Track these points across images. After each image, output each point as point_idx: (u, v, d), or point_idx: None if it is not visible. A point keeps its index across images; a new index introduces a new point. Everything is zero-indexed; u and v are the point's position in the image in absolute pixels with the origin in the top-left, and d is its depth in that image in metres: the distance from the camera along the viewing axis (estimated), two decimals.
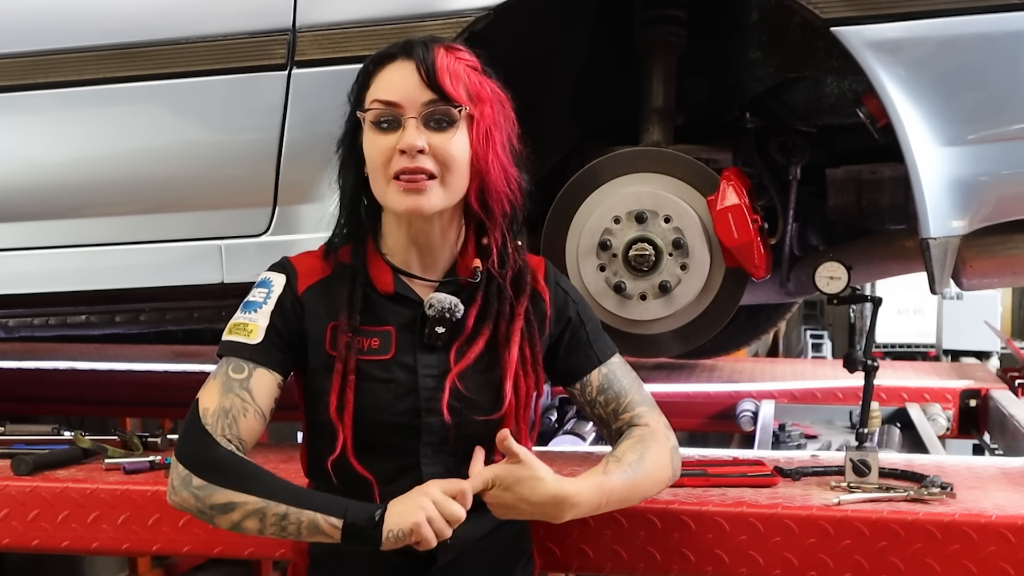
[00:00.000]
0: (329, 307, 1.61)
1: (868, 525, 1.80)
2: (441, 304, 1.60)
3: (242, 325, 1.62)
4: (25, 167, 2.40)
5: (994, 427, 3.12)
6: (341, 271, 1.64)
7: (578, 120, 2.60)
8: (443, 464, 1.61)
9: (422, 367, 1.61)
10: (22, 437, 2.37)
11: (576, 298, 1.75)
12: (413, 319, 1.62)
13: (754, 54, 2.45)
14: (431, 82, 1.55)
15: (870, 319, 2.03)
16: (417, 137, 1.54)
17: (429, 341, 1.61)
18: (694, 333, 2.33)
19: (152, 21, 2.27)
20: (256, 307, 1.63)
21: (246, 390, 1.57)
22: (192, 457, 1.54)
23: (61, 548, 2.04)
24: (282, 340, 1.61)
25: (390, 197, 1.57)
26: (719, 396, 3.36)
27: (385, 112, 1.57)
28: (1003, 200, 2.10)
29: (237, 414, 1.56)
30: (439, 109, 1.56)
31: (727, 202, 2.21)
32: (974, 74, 2.02)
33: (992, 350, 5.50)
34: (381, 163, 1.57)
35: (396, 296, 1.63)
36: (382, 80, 1.58)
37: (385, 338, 1.61)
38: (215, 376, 1.60)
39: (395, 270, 1.63)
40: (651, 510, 1.86)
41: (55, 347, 4.02)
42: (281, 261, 1.68)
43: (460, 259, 1.66)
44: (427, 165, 1.55)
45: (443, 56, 1.57)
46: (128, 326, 2.50)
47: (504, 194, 1.63)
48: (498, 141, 1.61)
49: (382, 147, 1.56)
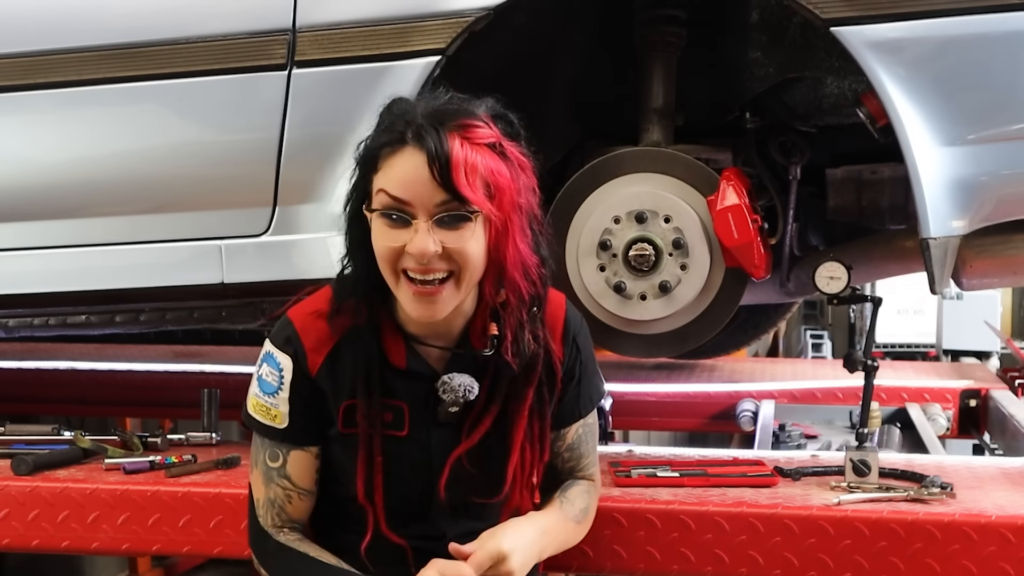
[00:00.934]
0: (342, 386, 1.58)
1: (868, 525, 1.80)
2: (455, 392, 1.57)
3: (265, 409, 1.61)
4: (26, 167, 2.40)
5: (994, 427, 3.12)
6: (352, 338, 1.57)
7: (578, 120, 2.60)
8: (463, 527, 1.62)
9: (435, 443, 1.61)
10: (22, 437, 2.37)
11: (585, 356, 1.71)
12: (426, 395, 1.59)
13: (754, 54, 2.45)
14: (446, 184, 1.43)
15: (870, 319, 2.02)
16: (429, 242, 1.44)
17: (443, 420, 1.60)
18: (694, 333, 2.33)
19: (152, 21, 2.27)
20: (273, 392, 1.60)
21: (285, 478, 1.63)
22: (255, 546, 1.68)
23: (61, 548, 2.04)
24: (307, 419, 1.61)
25: (401, 295, 1.51)
26: (719, 396, 3.36)
27: (394, 207, 1.46)
28: (1003, 200, 2.10)
29: (283, 503, 1.64)
30: (452, 212, 1.45)
31: (727, 202, 2.21)
32: (974, 74, 2.02)
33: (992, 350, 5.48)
34: (389, 258, 1.48)
35: (408, 371, 1.59)
36: (391, 170, 1.46)
37: (398, 414, 1.60)
38: (256, 460, 1.65)
39: (407, 339, 1.59)
40: (651, 510, 1.86)
41: (55, 347, 4.01)
42: (285, 332, 1.60)
43: (474, 322, 1.59)
44: (440, 266, 1.47)
45: (458, 148, 1.44)
46: (128, 326, 2.49)
47: (522, 286, 1.55)
48: (517, 227, 1.51)
49: (390, 243, 1.47)
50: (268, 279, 2.29)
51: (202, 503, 1.98)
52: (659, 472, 2.03)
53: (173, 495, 2.00)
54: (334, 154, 2.21)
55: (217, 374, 3.50)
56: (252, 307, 2.36)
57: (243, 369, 3.48)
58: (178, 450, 2.27)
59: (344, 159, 2.20)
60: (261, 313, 2.35)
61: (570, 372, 1.68)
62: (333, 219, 2.23)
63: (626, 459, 2.17)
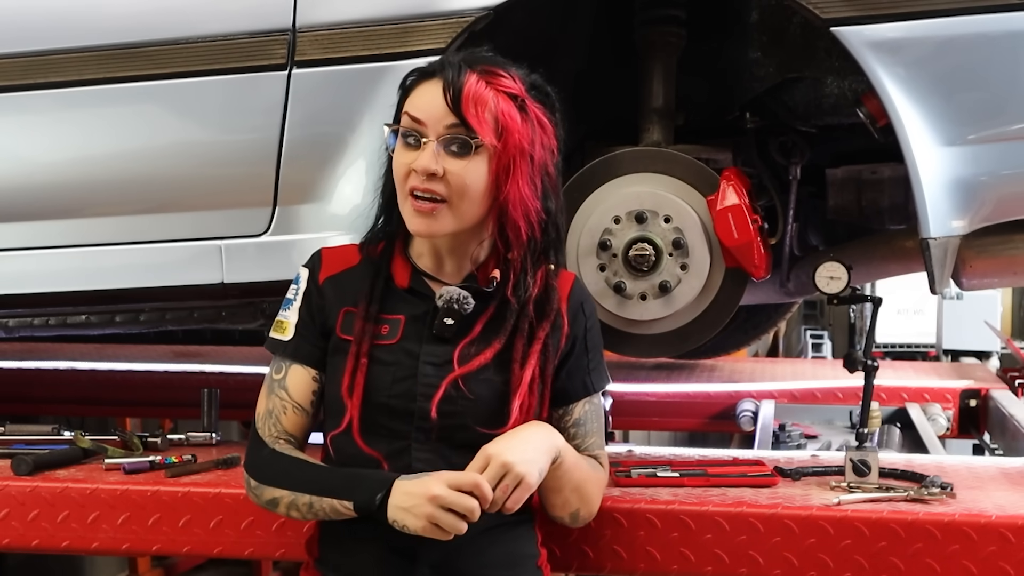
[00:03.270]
0: (346, 294, 1.68)
1: (868, 525, 1.80)
2: (450, 294, 1.63)
3: (279, 322, 1.72)
4: (25, 167, 2.40)
5: (994, 427, 3.12)
6: (367, 264, 1.71)
7: (578, 120, 2.60)
8: (433, 450, 1.63)
9: (425, 355, 1.64)
10: (22, 437, 2.37)
11: (591, 324, 1.75)
12: (425, 312, 1.67)
13: (754, 54, 2.45)
14: (454, 107, 1.57)
15: (870, 319, 2.02)
16: (432, 161, 1.57)
17: (437, 331, 1.64)
18: (694, 333, 2.33)
19: (152, 21, 2.27)
20: (289, 304, 1.72)
21: (283, 388, 1.70)
22: (248, 460, 1.70)
23: (61, 548, 2.04)
24: (311, 332, 1.70)
25: (405, 212, 1.63)
26: (719, 396, 3.36)
27: (410, 128, 1.60)
28: (1003, 200, 2.10)
29: (279, 413, 1.69)
30: (458, 136, 1.57)
31: (727, 202, 2.21)
32: (974, 74, 2.02)
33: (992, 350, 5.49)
34: (400, 177, 1.62)
35: (410, 290, 1.68)
36: (416, 95, 1.61)
37: (394, 325, 1.66)
38: (266, 378, 1.73)
39: (415, 269, 1.69)
40: (651, 510, 1.86)
41: (55, 347, 4.01)
42: (315, 253, 1.75)
43: (481, 268, 1.68)
44: (439, 189, 1.58)
45: (473, 82, 1.58)
46: (128, 326, 2.49)
47: (522, 227, 1.63)
48: (523, 172, 1.61)
49: (402, 162, 1.61)
50: (268, 279, 2.29)
51: (202, 503, 1.99)
52: (659, 472, 2.03)
53: (173, 495, 2.00)
54: (334, 154, 2.21)
55: (217, 374, 3.50)
56: (252, 307, 2.36)
57: (243, 369, 3.48)
58: (178, 450, 2.28)
59: (344, 159, 2.20)
60: (261, 313, 2.35)
61: (576, 335, 1.71)
62: (333, 219, 2.23)
63: (626, 459, 2.17)
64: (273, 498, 1.63)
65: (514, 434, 1.60)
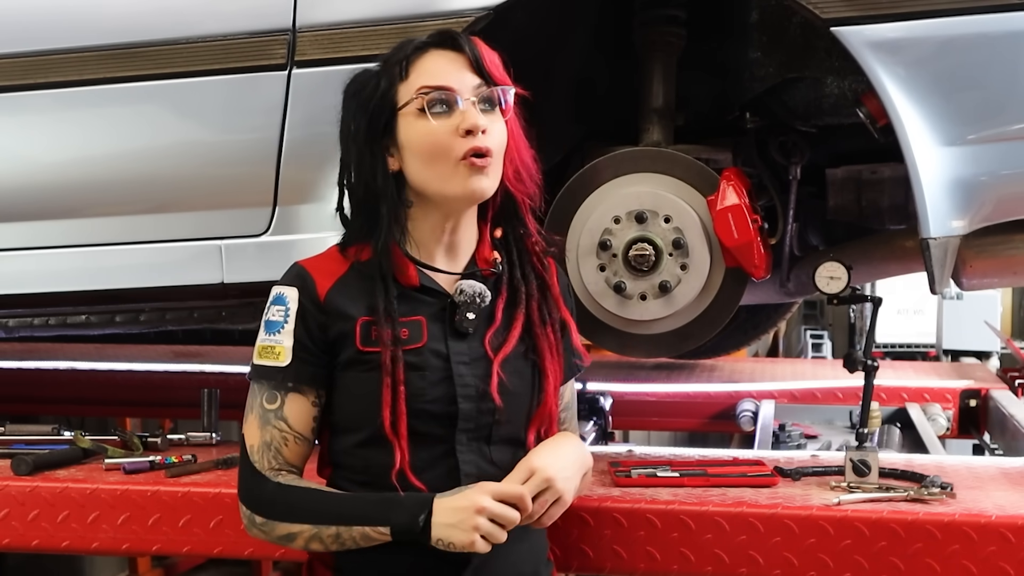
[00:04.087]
0: (355, 304, 1.60)
1: (868, 525, 1.80)
2: (472, 289, 1.61)
3: (269, 348, 1.61)
4: (25, 167, 2.40)
5: (994, 427, 3.12)
6: (361, 267, 1.62)
7: (578, 120, 2.60)
8: (479, 452, 1.61)
9: (454, 354, 1.60)
10: (22, 437, 2.37)
11: (572, 304, 1.77)
12: (441, 309, 1.62)
13: (754, 54, 2.45)
14: (478, 67, 1.58)
15: (870, 319, 2.03)
16: (480, 117, 1.56)
17: (461, 328, 1.61)
18: (694, 333, 2.33)
19: (152, 21, 2.27)
20: (278, 327, 1.61)
21: (282, 419, 1.60)
22: (249, 497, 1.60)
23: (61, 548, 2.04)
24: (311, 354, 1.60)
25: (457, 181, 1.57)
26: (719, 396, 3.36)
27: (439, 96, 1.57)
28: (1003, 200, 2.10)
29: (279, 445, 1.60)
30: (491, 92, 1.59)
31: (727, 202, 2.21)
32: (974, 74, 2.02)
33: (992, 350, 5.49)
34: (444, 147, 1.56)
35: (422, 288, 1.62)
36: (425, 68, 1.59)
37: (415, 327, 1.60)
38: (251, 407, 1.62)
39: (417, 264, 1.62)
40: (651, 510, 1.86)
41: (55, 347, 4.02)
42: (292, 270, 1.65)
43: (477, 253, 1.67)
44: (489, 144, 1.57)
45: (480, 44, 1.61)
46: (128, 326, 2.49)
47: (533, 177, 1.66)
48: (523, 130, 1.65)
49: (444, 131, 1.56)
50: (268, 279, 2.25)
51: (202, 503, 1.99)
52: (659, 472, 2.03)
53: (173, 495, 2.00)
54: (334, 154, 2.20)
55: (217, 374, 3.50)
56: (252, 307, 2.35)
57: (243, 369, 3.47)
58: (178, 450, 2.28)
59: None
60: (261, 313, 2.35)
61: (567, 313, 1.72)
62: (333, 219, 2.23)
63: (626, 459, 2.17)
64: (289, 533, 1.56)
65: (555, 448, 1.61)
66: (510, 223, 1.68)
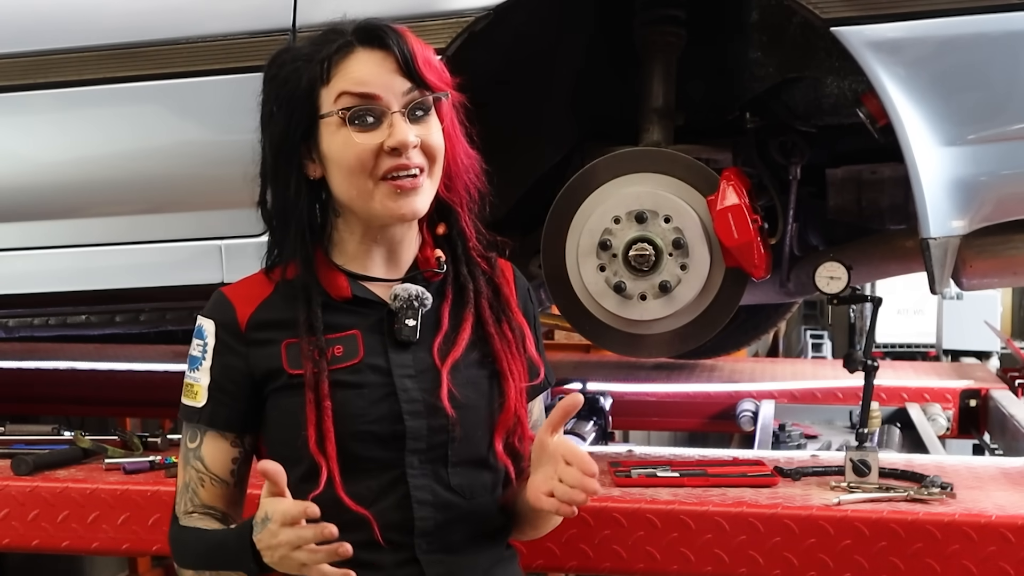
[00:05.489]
0: (280, 326, 1.48)
1: (868, 525, 1.80)
2: (408, 292, 1.48)
3: (188, 386, 1.53)
4: (25, 167, 2.40)
5: (994, 427, 3.12)
6: (286, 288, 1.49)
7: (578, 120, 2.60)
8: (434, 476, 1.47)
9: (396, 367, 1.47)
10: (22, 437, 2.37)
11: (535, 312, 1.64)
12: (379, 320, 1.49)
13: (754, 54, 2.45)
14: (409, 71, 1.42)
15: (870, 319, 2.03)
16: (409, 132, 1.41)
17: (400, 337, 1.47)
18: (694, 333, 2.33)
19: (152, 21, 2.27)
20: (198, 363, 1.52)
21: (199, 459, 1.52)
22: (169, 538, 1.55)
23: (61, 548, 2.04)
24: (227, 394, 1.50)
25: (378, 202, 1.44)
26: (719, 396, 3.36)
27: (362, 106, 1.42)
28: (1003, 200, 2.10)
29: (195, 486, 1.53)
30: (422, 99, 1.44)
31: (727, 202, 2.21)
32: (974, 74, 2.02)
33: (992, 350, 5.49)
34: (364, 164, 1.42)
35: (355, 300, 1.49)
36: (348, 73, 1.42)
37: (350, 343, 1.47)
38: (182, 443, 1.56)
39: (350, 276, 1.50)
40: (651, 510, 1.86)
41: (55, 347, 4.02)
42: (213, 298, 1.54)
43: (420, 255, 1.54)
44: (417, 160, 1.43)
45: (412, 40, 1.45)
46: (128, 326, 2.50)
47: (471, 179, 1.53)
48: (458, 122, 1.52)
49: (366, 147, 1.41)
50: None
51: None
52: (659, 472, 2.03)
53: (173, 495, 1.99)
54: None
55: None
56: None
57: None
58: (178, 450, 2.27)
59: None
60: None
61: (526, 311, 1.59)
62: None
63: (626, 459, 2.17)
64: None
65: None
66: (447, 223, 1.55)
